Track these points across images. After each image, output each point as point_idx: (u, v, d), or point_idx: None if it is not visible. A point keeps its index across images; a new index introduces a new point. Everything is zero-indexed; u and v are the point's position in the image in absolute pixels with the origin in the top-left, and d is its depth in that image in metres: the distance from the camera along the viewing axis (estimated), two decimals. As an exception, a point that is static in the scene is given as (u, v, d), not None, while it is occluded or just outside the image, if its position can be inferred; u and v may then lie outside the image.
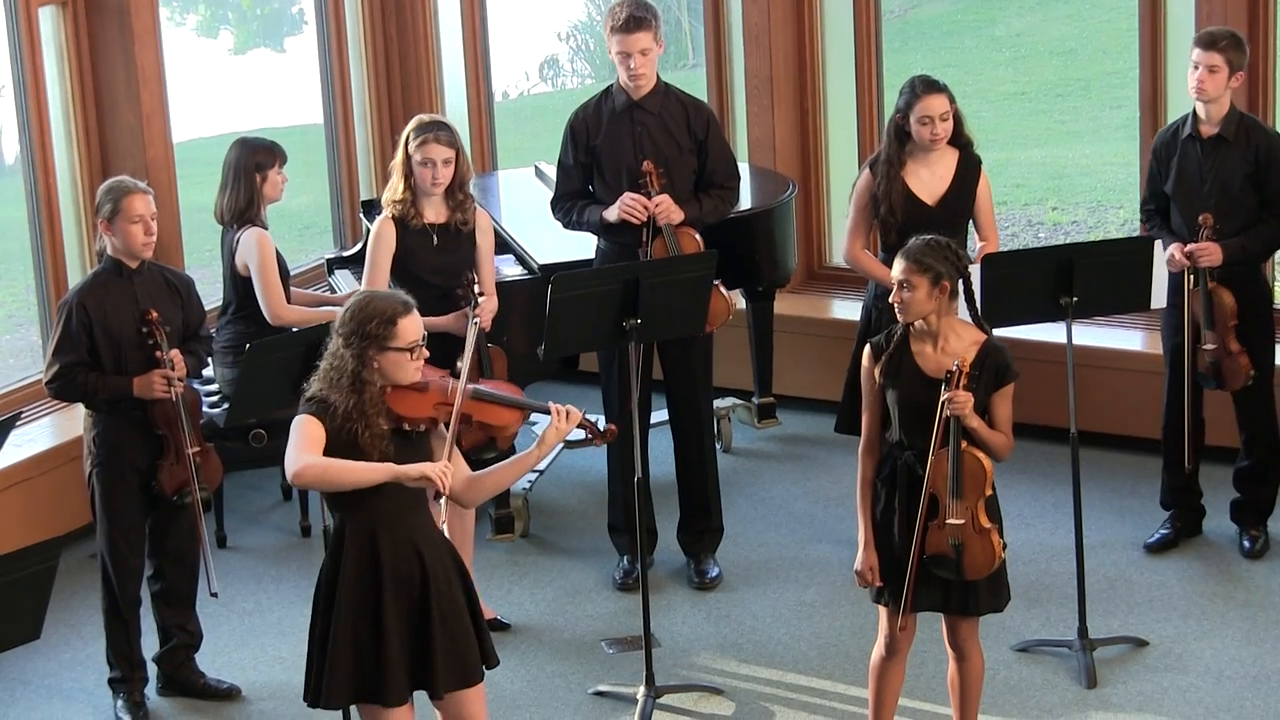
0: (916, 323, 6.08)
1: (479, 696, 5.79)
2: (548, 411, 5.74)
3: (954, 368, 5.95)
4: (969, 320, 6.16)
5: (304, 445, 5.51)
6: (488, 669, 5.82)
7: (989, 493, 6.11)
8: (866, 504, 6.22)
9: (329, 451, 5.53)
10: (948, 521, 6.07)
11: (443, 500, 5.81)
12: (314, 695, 5.72)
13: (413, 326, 5.59)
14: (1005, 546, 6.15)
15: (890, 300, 6.12)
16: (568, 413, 5.70)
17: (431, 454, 5.68)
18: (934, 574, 6.12)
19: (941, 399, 5.96)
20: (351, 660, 5.64)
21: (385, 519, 5.61)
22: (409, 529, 5.64)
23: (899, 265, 6.06)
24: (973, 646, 6.31)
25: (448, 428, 5.72)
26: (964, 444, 6.03)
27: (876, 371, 6.15)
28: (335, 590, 5.65)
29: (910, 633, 6.31)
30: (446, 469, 5.50)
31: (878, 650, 6.35)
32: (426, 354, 5.65)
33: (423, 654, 5.68)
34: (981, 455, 6.06)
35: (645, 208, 7.51)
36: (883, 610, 6.25)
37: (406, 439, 5.64)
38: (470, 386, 5.79)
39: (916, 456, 6.10)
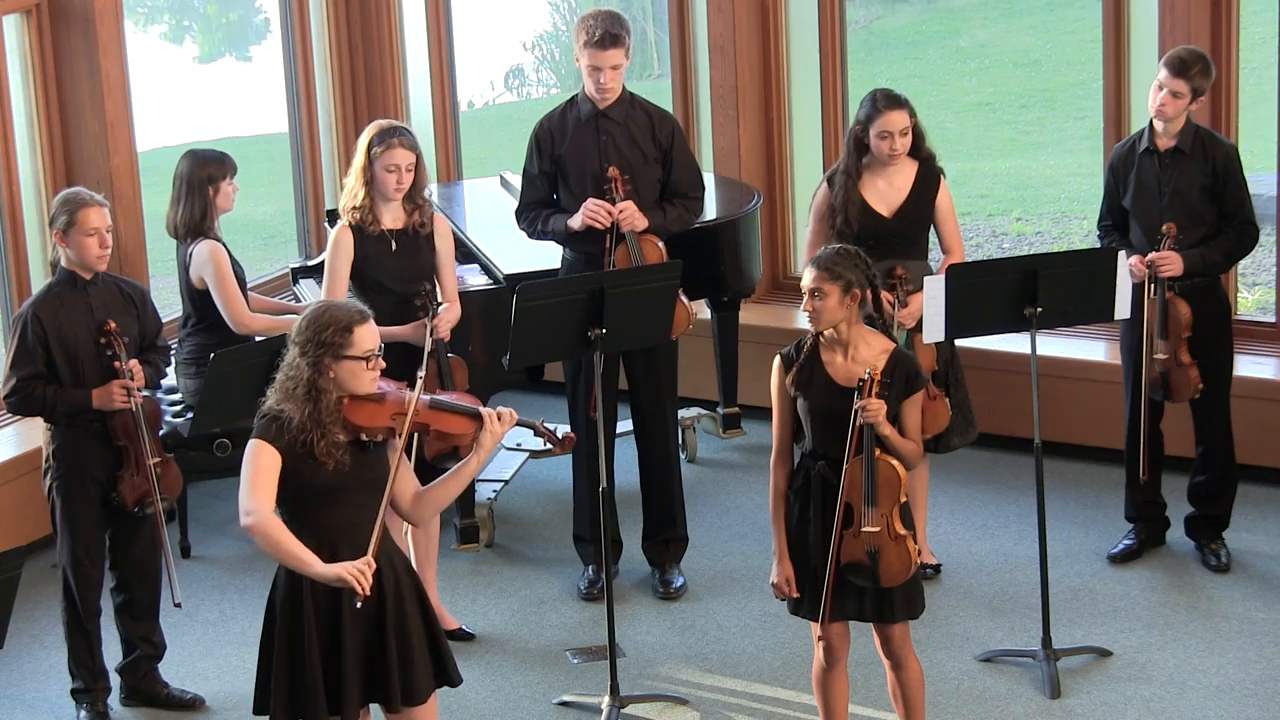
0: (827, 332, 6.12)
1: (431, 712, 5.79)
2: (497, 418, 5.69)
3: (866, 376, 5.99)
4: (876, 330, 6.20)
5: (258, 486, 5.49)
6: (450, 687, 5.84)
7: (903, 499, 6.15)
8: (780, 515, 6.27)
9: (285, 464, 5.52)
10: (863, 530, 6.11)
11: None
12: (282, 710, 5.71)
13: (369, 335, 5.56)
14: (920, 552, 6.21)
15: (801, 310, 6.14)
16: (499, 415, 5.67)
17: (388, 465, 5.65)
18: (850, 582, 6.16)
19: (854, 407, 6.00)
20: (319, 676, 5.63)
21: (346, 535, 5.59)
22: (367, 546, 5.57)
23: (809, 274, 6.09)
24: (907, 653, 6.33)
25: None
26: (878, 452, 6.06)
27: (788, 382, 6.19)
28: (299, 604, 5.63)
29: (846, 641, 6.34)
30: (365, 569, 5.47)
31: (817, 661, 6.37)
32: (383, 364, 5.63)
33: (378, 669, 5.68)
34: (896, 463, 6.11)
35: (609, 213, 7.51)
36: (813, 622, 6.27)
37: (363, 450, 5.62)
38: (427, 396, 5.76)
39: (829, 466, 6.15)
